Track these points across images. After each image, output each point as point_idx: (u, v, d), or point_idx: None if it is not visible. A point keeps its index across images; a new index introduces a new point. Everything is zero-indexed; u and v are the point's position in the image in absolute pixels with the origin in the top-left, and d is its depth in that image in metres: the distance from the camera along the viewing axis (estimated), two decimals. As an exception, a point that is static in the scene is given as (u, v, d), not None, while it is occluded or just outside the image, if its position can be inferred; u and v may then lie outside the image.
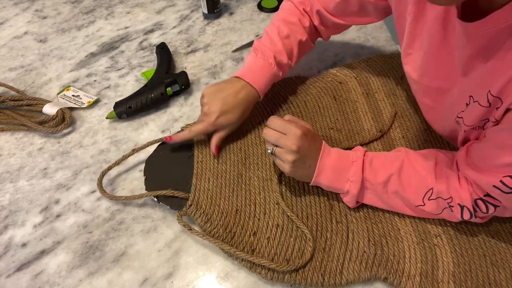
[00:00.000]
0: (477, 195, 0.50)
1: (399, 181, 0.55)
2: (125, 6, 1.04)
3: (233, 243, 0.56)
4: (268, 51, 0.68)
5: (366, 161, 0.57)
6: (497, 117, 0.46)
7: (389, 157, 0.58)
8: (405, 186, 0.55)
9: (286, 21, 0.70)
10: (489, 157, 0.47)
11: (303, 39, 0.70)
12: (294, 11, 0.71)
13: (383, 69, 0.81)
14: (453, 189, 0.52)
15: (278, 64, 0.68)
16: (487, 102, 0.45)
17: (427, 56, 0.54)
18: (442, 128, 0.60)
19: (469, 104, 0.49)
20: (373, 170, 0.56)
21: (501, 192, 0.46)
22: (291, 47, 0.69)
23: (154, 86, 0.76)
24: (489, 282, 0.52)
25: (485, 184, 0.48)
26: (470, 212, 0.51)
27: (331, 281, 0.53)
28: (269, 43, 0.69)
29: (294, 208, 0.60)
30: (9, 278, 0.55)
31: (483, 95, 0.45)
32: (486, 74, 0.45)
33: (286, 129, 0.56)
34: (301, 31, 0.70)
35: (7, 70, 0.86)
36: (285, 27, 0.69)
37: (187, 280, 0.55)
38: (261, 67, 0.67)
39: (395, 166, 0.56)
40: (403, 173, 0.55)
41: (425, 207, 0.54)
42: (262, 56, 0.68)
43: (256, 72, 0.67)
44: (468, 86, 0.49)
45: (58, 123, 0.72)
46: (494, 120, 0.46)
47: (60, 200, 0.64)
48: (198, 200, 0.61)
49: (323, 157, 0.57)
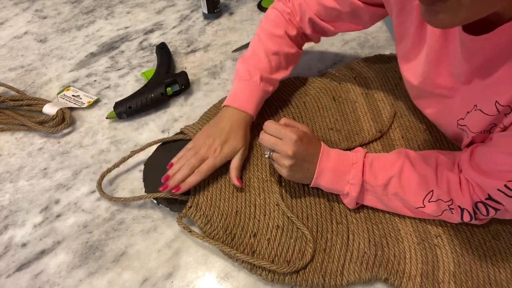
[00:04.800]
0: (478, 198, 0.50)
1: (399, 183, 0.55)
2: (125, 6, 1.04)
3: (233, 244, 0.56)
4: (254, 70, 0.67)
5: (366, 163, 0.57)
6: (506, 124, 0.46)
7: (390, 159, 0.58)
8: (405, 188, 0.55)
9: (272, 35, 0.69)
10: (495, 162, 0.47)
11: (291, 51, 0.70)
12: (280, 21, 0.69)
13: (383, 69, 0.81)
14: (454, 191, 0.52)
15: (266, 81, 0.67)
16: (496, 111, 0.45)
17: (427, 63, 0.53)
18: (444, 131, 0.60)
19: (470, 112, 0.49)
20: (373, 172, 0.56)
21: (504, 195, 0.46)
22: (280, 61, 0.69)
23: (154, 86, 0.76)
24: (490, 282, 0.52)
25: (488, 187, 0.48)
26: (470, 214, 0.51)
27: (332, 282, 0.53)
28: (255, 61, 0.68)
29: (294, 209, 0.60)
30: (9, 278, 0.55)
31: (489, 105, 0.45)
32: (492, 85, 0.45)
33: (281, 134, 0.56)
34: (289, 44, 0.69)
35: (7, 70, 0.86)
36: (272, 42, 0.68)
37: (187, 280, 0.55)
38: (246, 89, 0.66)
39: (395, 168, 0.56)
40: (403, 175, 0.55)
41: (425, 209, 0.54)
42: (246, 77, 0.67)
43: (242, 96, 0.66)
44: (473, 94, 0.49)
45: (58, 123, 0.72)
46: (502, 127, 0.46)
47: (60, 200, 0.64)
48: (198, 202, 0.60)
49: (322, 159, 0.57)
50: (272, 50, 0.68)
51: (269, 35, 0.69)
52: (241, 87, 0.67)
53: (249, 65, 0.68)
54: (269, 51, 0.68)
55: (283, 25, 0.69)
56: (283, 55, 0.69)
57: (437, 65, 0.52)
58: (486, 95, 0.46)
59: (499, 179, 0.46)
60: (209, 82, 0.83)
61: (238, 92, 0.67)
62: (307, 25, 0.68)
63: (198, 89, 0.81)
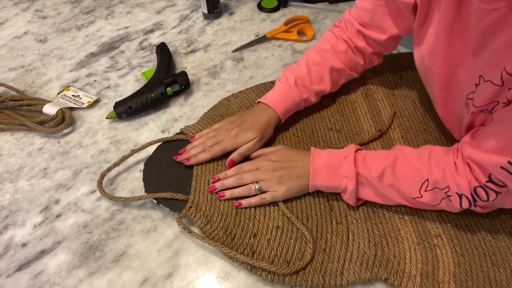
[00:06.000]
0: (478, 182, 0.49)
1: (393, 174, 0.55)
2: (125, 6, 1.04)
3: (233, 245, 0.56)
4: (290, 74, 0.69)
5: (359, 157, 0.58)
6: (509, 98, 0.45)
7: (383, 152, 0.59)
8: (399, 179, 0.55)
9: (318, 50, 0.71)
10: (498, 138, 0.46)
11: (336, 65, 0.70)
12: (330, 38, 0.72)
13: (382, 69, 0.81)
14: (450, 177, 0.52)
15: (302, 87, 0.68)
16: (501, 80, 0.44)
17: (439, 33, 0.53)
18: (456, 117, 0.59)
19: (479, 84, 0.48)
20: (366, 165, 0.56)
21: (508, 173, 0.45)
22: (322, 73, 0.70)
23: (154, 86, 0.76)
24: (490, 282, 0.52)
25: (491, 165, 0.47)
26: (469, 200, 0.51)
27: (332, 282, 0.53)
28: (295, 69, 0.70)
29: (294, 210, 0.60)
30: (9, 278, 0.55)
31: (496, 73, 0.44)
32: (501, 50, 0.44)
33: (255, 165, 0.61)
34: (334, 58, 0.70)
35: (7, 70, 0.86)
36: (316, 55, 0.71)
37: (187, 280, 0.55)
38: (280, 91, 0.69)
39: (388, 160, 0.56)
40: (397, 166, 0.55)
41: (422, 198, 0.54)
42: (283, 80, 0.69)
43: (274, 95, 0.69)
44: (477, 67, 0.48)
45: (58, 123, 0.72)
46: (505, 101, 0.45)
47: (60, 200, 0.64)
48: (198, 202, 0.60)
49: (314, 159, 0.58)
50: (314, 61, 0.70)
51: (315, 49, 0.72)
52: (277, 88, 0.70)
53: (288, 71, 0.70)
54: (311, 62, 0.70)
55: (332, 41, 0.71)
56: (326, 67, 0.70)
57: (449, 34, 0.51)
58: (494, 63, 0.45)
59: (503, 154, 0.45)
60: (209, 82, 0.83)
61: (273, 91, 0.70)
62: (358, 38, 0.69)
63: (198, 89, 0.81)
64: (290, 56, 0.88)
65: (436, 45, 0.54)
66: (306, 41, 0.92)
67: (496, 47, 0.45)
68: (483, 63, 0.47)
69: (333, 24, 0.75)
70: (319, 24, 0.97)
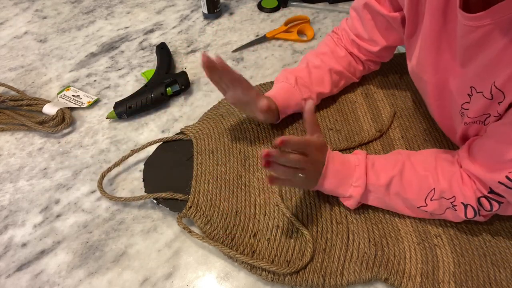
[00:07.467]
0: (481, 193, 0.50)
1: (400, 182, 0.55)
2: (125, 6, 1.04)
3: (233, 244, 0.56)
4: (290, 75, 0.69)
5: (369, 164, 0.57)
6: (500, 112, 0.45)
7: (390, 160, 0.58)
8: (406, 188, 0.55)
9: (318, 53, 0.72)
10: (493, 153, 0.47)
11: (336, 67, 0.70)
12: (329, 43, 0.73)
13: (382, 69, 0.81)
14: (456, 187, 0.52)
15: (303, 86, 0.68)
16: (490, 94, 0.45)
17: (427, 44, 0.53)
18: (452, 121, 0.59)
19: (472, 95, 0.48)
20: (375, 172, 0.56)
21: (506, 188, 0.45)
22: (322, 75, 0.70)
23: (154, 86, 0.76)
24: (490, 282, 0.52)
25: (489, 181, 0.47)
26: (474, 210, 0.51)
27: (332, 282, 0.53)
28: (296, 70, 0.70)
29: (294, 210, 0.60)
30: (9, 278, 0.55)
31: (486, 86, 0.45)
32: (489, 65, 0.44)
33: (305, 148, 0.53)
34: (333, 61, 0.71)
35: (7, 70, 0.86)
36: (316, 58, 0.71)
37: (187, 280, 0.55)
38: (281, 88, 0.68)
39: (396, 168, 0.56)
40: (404, 175, 0.55)
41: (427, 207, 0.54)
42: (283, 79, 0.69)
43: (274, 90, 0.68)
44: (467, 77, 0.48)
45: (58, 123, 0.72)
46: (497, 115, 0.46)
47: (60, 200, 0.64)
48: (198, 202, 0.60)
49: (329, 163, 0.55)
50: (314, 64, 0.70)
51: (314, 53, 0.73)
52: (277, 86, 0.69)
53: (287, 72, 0.70)
54: (311, 64, 0.70)
55: (331, 46, 0.72)
56: (326, 69, 0.70)
57: (436, 47, 0.52)
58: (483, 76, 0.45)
59: (500, 170, 0.45)
60: (209, 82, 0.82)
61: (273, 88, 0.69)
62: (353, 47, 0.71)
63: (198, 89, 0.81)
64: (290, 56, 0.88)
65: (426, 55, 0.54)
66: (306, 41, 0.92)
67: (483, 61, 0.45)
68: (472, 74, 0.48)
69: (333, 27, 0.75)
70: (319, 24, 0.97)
